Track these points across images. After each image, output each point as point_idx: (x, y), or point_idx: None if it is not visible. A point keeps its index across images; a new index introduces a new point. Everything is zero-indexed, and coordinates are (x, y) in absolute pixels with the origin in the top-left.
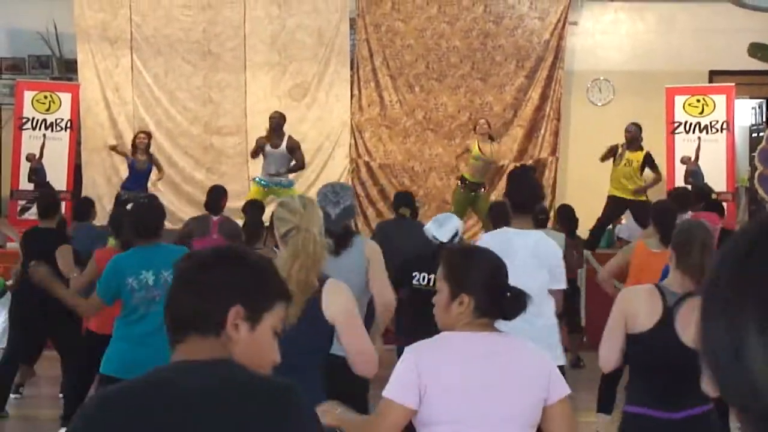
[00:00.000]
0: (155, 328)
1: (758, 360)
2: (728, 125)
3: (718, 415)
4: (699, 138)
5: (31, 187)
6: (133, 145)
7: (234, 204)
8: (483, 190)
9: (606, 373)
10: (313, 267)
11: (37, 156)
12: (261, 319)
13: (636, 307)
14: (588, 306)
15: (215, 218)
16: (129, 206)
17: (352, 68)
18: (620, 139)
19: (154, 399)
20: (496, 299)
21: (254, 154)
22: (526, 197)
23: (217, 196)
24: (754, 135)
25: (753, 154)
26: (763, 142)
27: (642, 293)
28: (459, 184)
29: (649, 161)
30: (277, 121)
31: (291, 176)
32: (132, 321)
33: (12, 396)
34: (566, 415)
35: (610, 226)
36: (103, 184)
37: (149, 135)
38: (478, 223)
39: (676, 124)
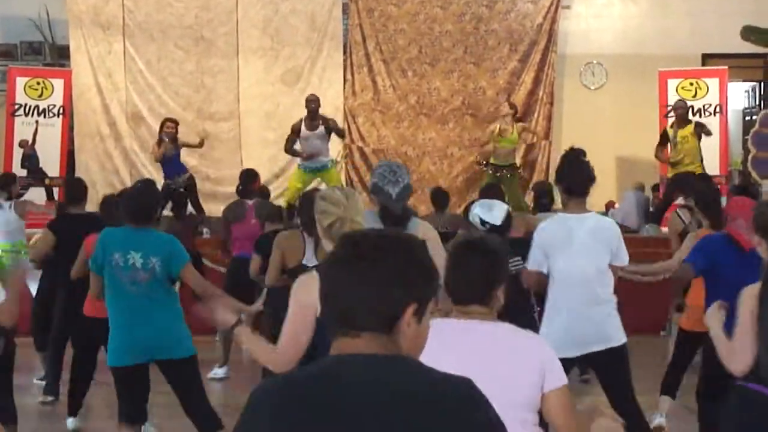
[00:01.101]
0: (144, 307)
1: None
2: (721, 108)
3: None
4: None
5: (24, 173)
6: (161, 132)
7: (228, 189)
8: (513, 171)
9: (678, 360)
10: None
11: (30, 142)
12: (426, 311)
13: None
14: None
15: (250, 202)
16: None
17: (344, 53)
18: (614, 124)
19: (332, 396)
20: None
21: (291, 142)
22: (580, 180)
23: (248, 180)
24: (747, 118)
25: (746, 137)
26: (757, 125)
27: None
28: (484, 168)
29: (700, 128)
30: (313, 105)
31: (330, 156)
32: (122, 308)
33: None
34: (564, 403)
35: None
36: (96, 170)
37: (176, 123)
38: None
39: (669, 108)
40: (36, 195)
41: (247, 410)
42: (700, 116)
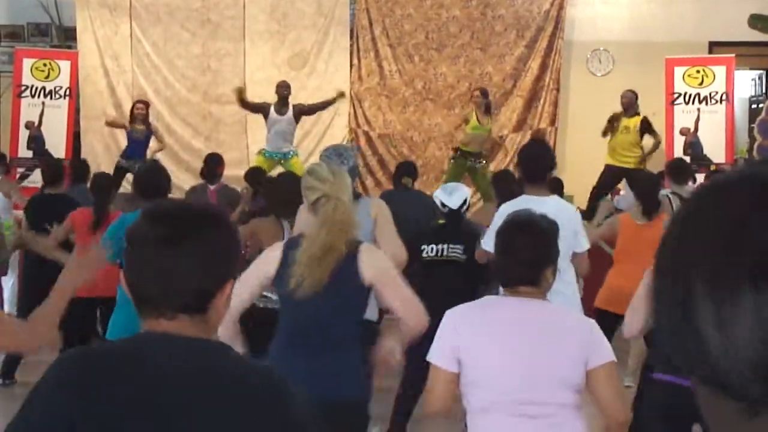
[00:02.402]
0: None
1: (707, 321)
2: (728, 96)
3: None
4: (698, 109)
5: (29, 154)
6: (132, 114)
7: (233, 172)
8: (482, 161)
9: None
10: (340, 233)
11: (36, 124)
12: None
13: None
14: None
15: (212, 187)
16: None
17: (351, 37)
18: (620, 111)
19: (134, 371)
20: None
21: (250, 106)
22: (538, 166)
23: (213, 164)
24: (754, 106)
25: (752, 125)
26: (763, 114)
27: None
28: (453, 153)
29: (646, 125)
30: (285, 91)
31: (293, 146)
32: None
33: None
34: (611, 379)
35: (609, 197)
36: (102, 152)
37: (147, 105)
38: (476, 196)
39: (675, 95)
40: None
41: (43, 378)
42: (707, 104)
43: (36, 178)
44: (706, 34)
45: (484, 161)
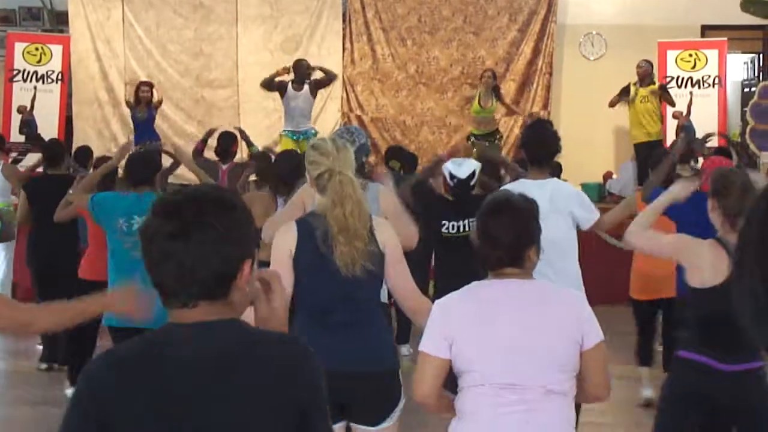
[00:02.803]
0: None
1: None
2: (720, 80)
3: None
4: (691, 93)
5: (22, 139)
6: (136, 96)
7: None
8: (500, 137)
9: (642, 330)
10: (361, 213)
11: (28, 108)
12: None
13: (701, 261)
14: None
15: (224, 167)
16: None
17: (344, 21)
18: (613, 94)
19: (164, 362)
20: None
21: (274, 85)
22: (543, 150)
23: (227, 144)
24: (746, 90)
25: (745, 109)
26: (755, 97)
27: (706, 248)
28: (471, 142)
29: (664, 91)
30: (305, 69)
31: (311, 124)
32: (124, 270)
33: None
34: (601, 360)
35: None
36: (94, 137)
37: (151, 85)
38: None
39: (668, 79)
40: (34, 160)
41: (78, 391)
42: (699, 88)
43: (28, 163)
44: (698, 17)
45: (500, 137)
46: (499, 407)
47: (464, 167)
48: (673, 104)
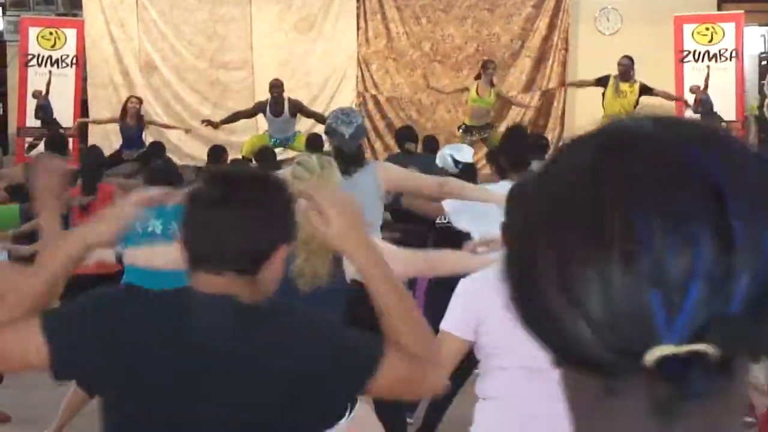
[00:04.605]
0: (161, 274)
1: (551, 283)
2: (737, 53)
3: None
4: (708, 67)
5: (37, 123)
6: (124, 108)
7: (240, 139)
8: (492, 129)
9: None
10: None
11: (44, 92)
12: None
13: None
14: None
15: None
16: None
17: (358, 0)
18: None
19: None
20: None
21: (251, 114)
22: (522, 154)
23: (216, 154)
24: (764, 63)
25: (762, 82)
26: None
27: None
28: (461, 133)
29: (644, 89)
30: (278, 90)
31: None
32: (137, 275)
33: None
34: None
35: None
36: None
37: (140, 100)
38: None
39: (684, 53)
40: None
41: (84, 302)
42: (716, 62)
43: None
44: None
45: (491, 129)
46: (527, 391)
47: (465, 152)
48: (662, 93)
